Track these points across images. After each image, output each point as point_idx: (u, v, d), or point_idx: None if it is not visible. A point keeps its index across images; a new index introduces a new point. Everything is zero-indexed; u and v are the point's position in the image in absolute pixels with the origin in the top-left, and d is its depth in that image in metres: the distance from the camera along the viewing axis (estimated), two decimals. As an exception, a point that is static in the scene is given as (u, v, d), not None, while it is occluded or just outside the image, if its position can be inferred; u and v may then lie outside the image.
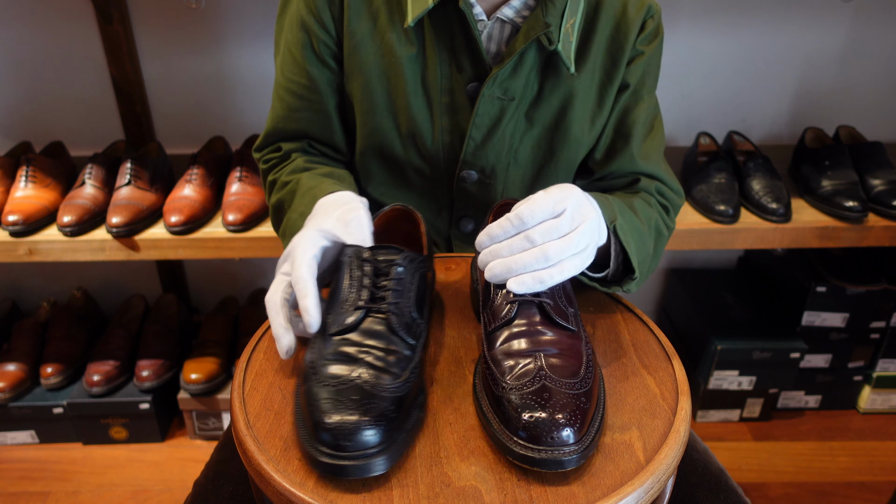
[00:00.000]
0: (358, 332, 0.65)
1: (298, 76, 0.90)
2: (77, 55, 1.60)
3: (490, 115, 0.88)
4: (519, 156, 0.92)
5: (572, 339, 0.65)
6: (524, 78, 0.87)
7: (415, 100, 0.88)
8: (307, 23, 0.87)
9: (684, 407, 0.65)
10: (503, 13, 0.84)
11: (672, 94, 1.69)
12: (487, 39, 0.86)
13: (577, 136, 0.91)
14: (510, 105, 0.87)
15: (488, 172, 0.92)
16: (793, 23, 1.61)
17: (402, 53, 0.86)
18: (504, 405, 0.59)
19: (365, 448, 0.56)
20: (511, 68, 0.85)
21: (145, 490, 1.58)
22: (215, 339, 1.71)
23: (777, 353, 1.64)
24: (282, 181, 0.92)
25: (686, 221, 1.41)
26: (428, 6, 0.81)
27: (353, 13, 0.85)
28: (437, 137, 0.90)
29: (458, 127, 0.89)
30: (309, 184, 0.87)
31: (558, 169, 0.94)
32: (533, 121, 0.90)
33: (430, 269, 0.73)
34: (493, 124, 0.88)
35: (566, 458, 0.56)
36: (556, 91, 0.88)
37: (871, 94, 1.71)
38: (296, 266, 0.69)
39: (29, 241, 1.36)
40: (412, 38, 0.86)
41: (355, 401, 0.58)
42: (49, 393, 1.65)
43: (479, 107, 0.86)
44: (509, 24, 0.85)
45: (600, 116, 0.92)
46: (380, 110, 0.89)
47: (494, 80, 0.85)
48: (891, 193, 1.40)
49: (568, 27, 0.84)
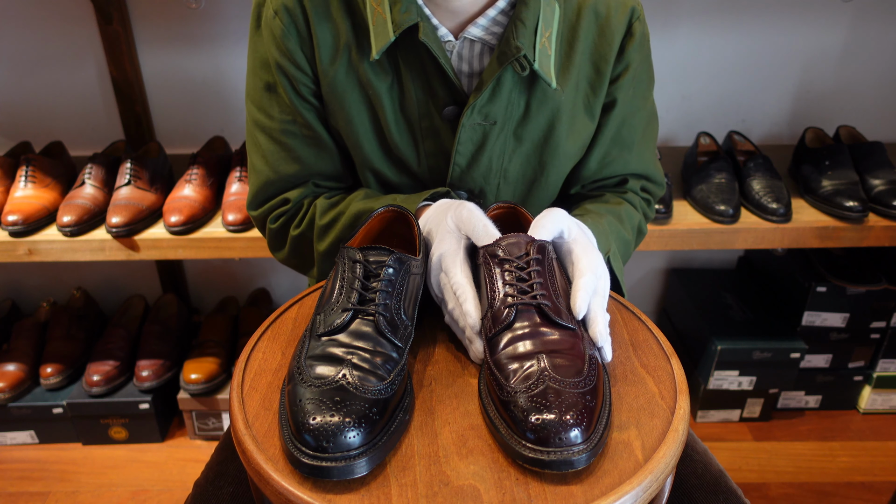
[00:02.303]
0: (346, 333, 0.65)
1: (290, 115, 0.88)
2: (77, 55, 1.60)
3: (473, 140, 0.87)
4: (508, 174, 0.92)
5: (573, 338, 0.65)
6: (505, 100, 0.86)
7: (396, 128, 0.87)
8: (283, 66, 0.85)
9: (683, 406, 0.65)
10: (470, 33, 0.83)
11: (672, 94, 1.69)
12: (458, 60, 0.85)
13: (567, 150, 0.91)
14: (493, 129, 0.87)
15: (476, 193, 0.92)
16: (793, 23, 1.61)
17: (377, 84, 0.85)
18: (510, 409, 0.59)
19: (347, 450, 0.56)
20: (489, 95, 0.84)
21: (145, 490, 1.58)
22: (215, 340, 1.71)
23: (777, 353, 1.64)
24: (321, 225, 0.89)
25: (686, 221, 1.41)
26: (390, 39, 0.80)
27: (323, 52, 0.84)
28: (423, 162, 0.90)
29: (443, 150, 0.89)
30: (370, 205, 0.86)
31: (549, 183, 0.94)
32: (522, 139, 0.89)
33: (422, 271, 0.73)
34: (476, 149, 0.88)
35: (575, 458, 0.56)
36: (544, 107, 0.87)
37: (871, 94, 1.71)
38: (451, 273, 0.72)
39: (29, 241, 1.36)
40: (386, 67, 0.85)
41: (338, 402, 0.58)
42: (49, 393, 1.65)
43: (461, 134, 0.86)
44: (479, 43, 0.84)
45: (588, 128, 0.92)
46: (365, 141, 0.89)
47: (473, 109, 0.84)
48: (891, 193, 1.40)
49: (544, 41, 0.83)
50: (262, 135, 0.91)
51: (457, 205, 0.78)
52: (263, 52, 0.87)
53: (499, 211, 0.82)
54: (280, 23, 0.83)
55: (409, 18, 0.79)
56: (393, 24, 0.80)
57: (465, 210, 0.76)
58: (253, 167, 0.94)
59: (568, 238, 0.74)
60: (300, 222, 0.92)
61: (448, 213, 0.77)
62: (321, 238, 0.90)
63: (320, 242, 0.90)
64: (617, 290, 0.88)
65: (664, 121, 1.72)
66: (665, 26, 1.61)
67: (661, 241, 1.40)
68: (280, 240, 0.96)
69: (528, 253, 0.69)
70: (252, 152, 0.93)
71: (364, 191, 0.92)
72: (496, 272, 0.69)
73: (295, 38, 0.84)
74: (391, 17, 0.80)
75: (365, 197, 0.90)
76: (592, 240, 0.77)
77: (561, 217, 0.74)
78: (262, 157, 0.92)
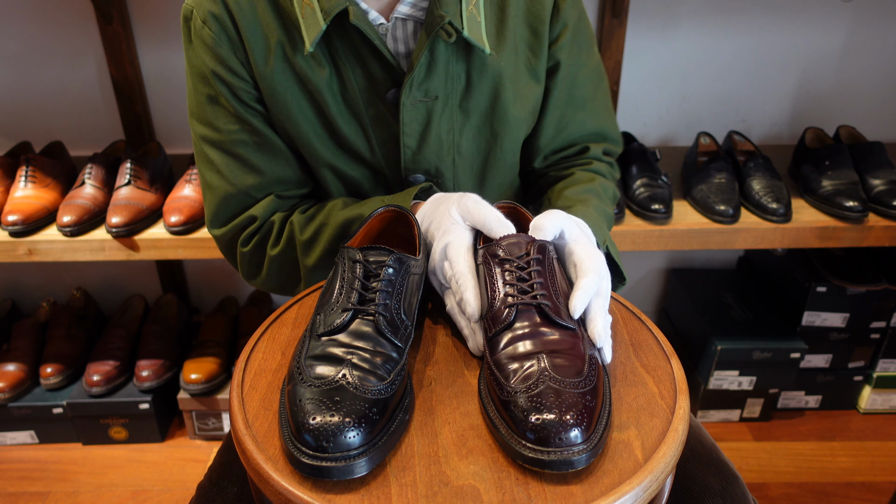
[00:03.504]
0: (346, 333, 0.65)
1: (237, 124, 0.87)
2: (77, 55, 1.60)
3: (418, 119, 0.87)
4: (462, 149, 0.91)
5: (573, 337, 0.65)
6: (442, 74, 0.85)
7: (342, 119, 0.87)
8: (220, 74, 0.84)
9: (683, 406, 0.65)
10: (400, 12, 0.83)
11: (672, 94, 1.69)
12: (393, 41, 0.85)
13: (517, 117, 0.90)
14: (436, 104, 0.86)
15: (433, 173, 0.92)
16: (793, 23, 1.61)
17: (316, 79, 0.84)
18: (510, 409, 0.59)
19: (347, 450, 0.56)
20: (425, 69, 0.84)
21: (145, 490, 1.58)
22: (215, 339, 1.71)
23: (777, 353, 1.64)
24: (304, 240, 0.88)
25: (686, 221, 1.41)
26: (322, 28, 0.79)
27: (256, 55, 0.84)
28: (375, 150, 0.89)
29: (392, 135, 0.88)
30: (358, 211, 0.85)
31: (504, 154, 0.93)
32: (468, 111, 0.89)
33: (422, 271, 0.73)
34: (423, 128, 0.88)
35: (575, 458, 0.56)
36: (484, 76, 0.87)
37: (871, 94, 1.71)
38: (455, 262, 0.71)
39: (29, 241, 1.36)
40: (321, 60, 0.84)
41: (338, 402, 0.58)
42: (49, 393, 1.65)
43: (404, 115, 0.85)
44: (410, 21, 0.84)
45: (535, 91, 0.91)
46: (313, 137, 0.88)
47: (410, 86, 0.84)
48: (891, 193, 1.40)
49: (471, 8, 0.82)
50: (213, 149, 0.89)
51: (457, 196, 0.78)
52: (199, 65, 0.85)
53: (499, 210, 0.82)
54: (210, 31, 0.83)
55: (338, 4, 0.79)
56: (322, 12, 0.79)
57: (471, 201, 0.76)
58: (208, 185, 0.91)
59: (568, 238, 0.74)
60: (277, 241, 0.91)
61: (450, 206, 0.77)
62: (307, 253, 0.89)
63: (307, 257, 0.89)
64: (617, 274, 0.88)
65: (664, 121, 1.72)
66: (665, 26, 1.61)
67: (661, 241, 1.40)
68: (255, 263, 0.94)
69: (529, 253, 0.69)
70: (204, 170, 0.91)
71: (342, 200, 0.91)
72: (496, 272, 0.69)
73: (227, 45, 0.83)
74: (319, 5, 0.80)
75: (345, 206, 0.88)
76: (592, 239, 0.77)
77: (561, 217, 0.74)
78: (217, 172, 0.90)
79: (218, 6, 0.82)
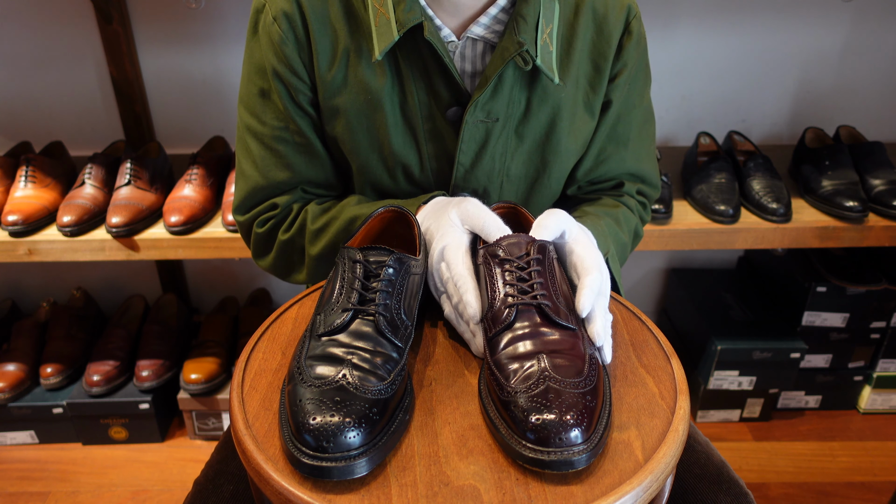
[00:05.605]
0: (346, 333, 0.65)
1: (283, 122, 0.88)
2: (77, 55, 1.60)
3: (476, 139, 0.87)
4: (511, 172, 0.91)
5: (573, 338, 0.65)
6: (506, 97, 0.86)
7: (396, 131, 0.87)
8: (280, 73, 0.85)
9: (683, 406, 0.65)
10: (473, 32, 0.83)
11: (672, 94, 1.69)
12: (461, 59, 0.85)
13: (568, 147, 0.91)
14: (495, 126, 0.87)
15: (481, 193, 0.92)
16: (793, 23, 1.61)
17: (377, 87, 0.84)
18: (511, 409, 0.59)
19: (347, 450, 0.56)
20: (491, 91, 0.84)
21: (145, 490, 1.58)
22: (215, 339, 1.71)
23: (777, 353, 1.64)
24: (314, 229, 0.89)
25: (686, 221, 1.41)
26: (394, 38, 0.80)
27: (321, 58, 0.84)
28: (426, 165, 0.89)
29: (446, 152, 0.89)
30: (366, 210, 0.85)
31: (551, 182, 0.93)
32: (523, 137, 0.89)
33: (422, 271, 0.73)
34: (479, 148, 0.88)
35: (575, 459, 0.56)
36: (544, 104, 0.87)
37: (871, 94, 1.71)
38: (453, 265, 0.72)
39: (29, 241, 1.36)
40: (385, 69, 0.84)
41: (339, 402, 0.58)
42: (49, 393, 1.65)
43: (464, 133, 0.85)
44: (481, 42, 0.84)
45: (589, 126, 0.92)
46: (363, 148, 0.88)
47: (476, 106, 0.84)
48: (891, 193, 1.40)
49: (545, 37, 0.83)
50: (254, 140, 0.90)
51: (458, 200, 0.78)
52: (260, 58, 0.86)
53: (500, 211, 0.82)
54: (279, 29, 0.83)
55: (414, 17, 0.79)
56: (397, 23, 0.80)
57: (471, 205, 0.76)
58: (242, 172, 0.92)
59: (569, 238, 0.74)
60: (290, 226, 0.92)
61: (449, 209, 0.77)
62: (313, 242, 0.90)
63: (312, 246, 0.90)
64: (615, 291, 0.88)
65: (664, 121, 1.72)
66: (665, 26, 1.61)
67: (661, 241, 1.40)
68: (266, 244, 0.95)
69: (529, 253, 0.69)
70: (242, 157, 0.92)
71: (357, 196, 0.91)
72: (496, 272, 0.69)
73: (293, 45, 0.83)
74: (395, 16, 0.80)
75: (359, 202, 0.89)
76: (593, 240, 0.77)
77: (562, 218, 0.74)
78: (253, 163, 0.91)
79: (291, 5, 0.82)
